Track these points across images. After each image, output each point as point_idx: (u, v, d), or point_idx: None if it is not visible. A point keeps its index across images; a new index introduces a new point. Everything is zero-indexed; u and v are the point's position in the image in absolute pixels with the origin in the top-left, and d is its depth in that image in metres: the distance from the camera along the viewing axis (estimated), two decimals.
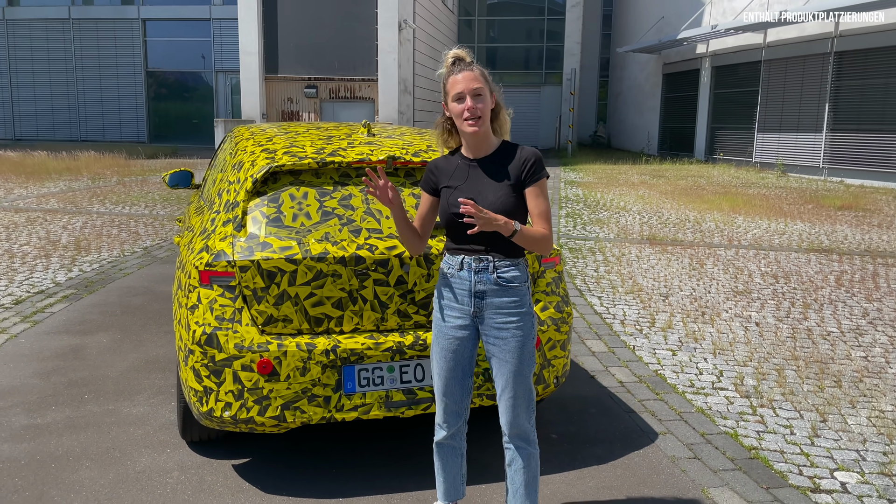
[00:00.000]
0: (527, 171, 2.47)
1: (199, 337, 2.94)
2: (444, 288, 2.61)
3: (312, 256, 2.98)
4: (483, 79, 2.47)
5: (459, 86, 2.45)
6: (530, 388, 2.57)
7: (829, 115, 18.47)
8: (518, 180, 2.48)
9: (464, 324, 2.57)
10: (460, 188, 2.53)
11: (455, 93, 2.46)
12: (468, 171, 2.55)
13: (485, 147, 2.54)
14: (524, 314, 2.52)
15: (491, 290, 2.51)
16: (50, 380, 4.30)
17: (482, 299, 2.52)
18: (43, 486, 3.10)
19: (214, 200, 3.40)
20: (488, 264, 2.50)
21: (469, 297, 2.54)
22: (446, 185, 2.57)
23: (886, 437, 3.77)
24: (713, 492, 3.20)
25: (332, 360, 2.96)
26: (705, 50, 23.46)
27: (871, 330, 5.67)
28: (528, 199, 2.48)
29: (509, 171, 2.49)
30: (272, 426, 2.99)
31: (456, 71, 2.48)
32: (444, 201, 2.57)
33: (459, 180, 2.55)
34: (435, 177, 2.63)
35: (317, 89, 21.13)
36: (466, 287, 2.54)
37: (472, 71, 2.46)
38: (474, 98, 2.44)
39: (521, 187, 2.48)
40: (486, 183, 2.50)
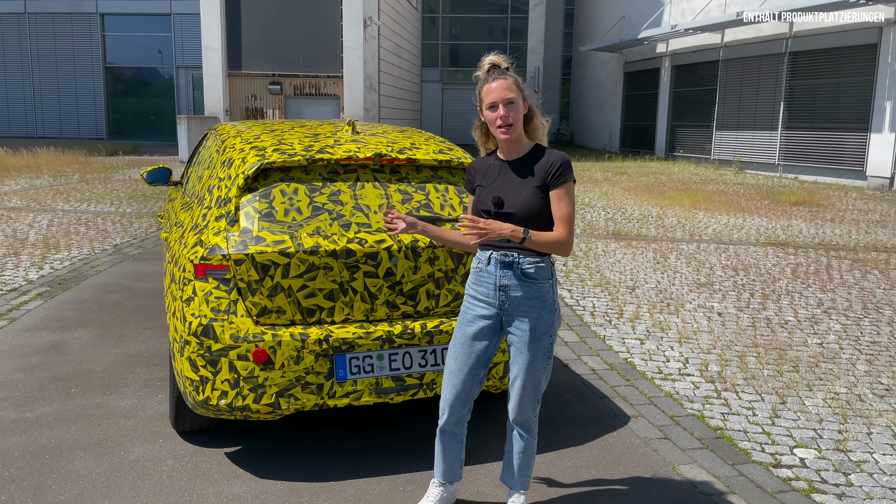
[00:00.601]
0: (552, 175, 2.61)
1: (196, 328, 3.04)
2: (473, 282, 2.76)
3: (305, 250, 3.10)
4: (516, 87, 2.61)
5: (493, 95, 2.59)
6: (539, 383, 2.72)
7: (783, 113, 19.06)
8: (544, 182, 2.62)
9: (488, 314, 2.72)
10: (490, 187, 2.68)
11: (489, 101, 2.61)
12: (500, 171, 2.70)
13: (517, 150, 2.69)
14: (545, 310, 2.67)
15: (514, 284, 2.65)
16: (34, 375, 4.34)
17: (506, 293, 2.67)
18: (39, 476, 3.17)
19: (205, 196, 3.49)
20: (514, 260, 2.65)
21: (495, 290, 2.68)
22: (479, 183, 2.73)
23: (841, 417, 4.03)
24: (683, 469, 3.41)
25: (324, 349, 3.09)
26: (665, 49, 23.96)
27: (826, 318, 5.97)
28: (552, 201, 2.61)
29: (537, 174, 2.63)
30: (267, 413, 3.10)
31: (490, 79, 2.61)
32: (476, 199, 2.72)
33: (490, 180, 2.70)
34: (472, 177, 2.79)
35: (281, 86, 21.06)
36: (492, 281, 2.68)
37: (505, 80, 2.60)
38: (506, 107, 2.58)
39: (547, 189, 2.63)
40: (514, 183, 2.64)
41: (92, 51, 27.25)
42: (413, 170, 3.52)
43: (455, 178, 3.59)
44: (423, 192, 3.45)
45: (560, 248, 2.62)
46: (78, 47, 27.20)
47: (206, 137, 4.75)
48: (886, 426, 3.92)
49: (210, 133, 4.56)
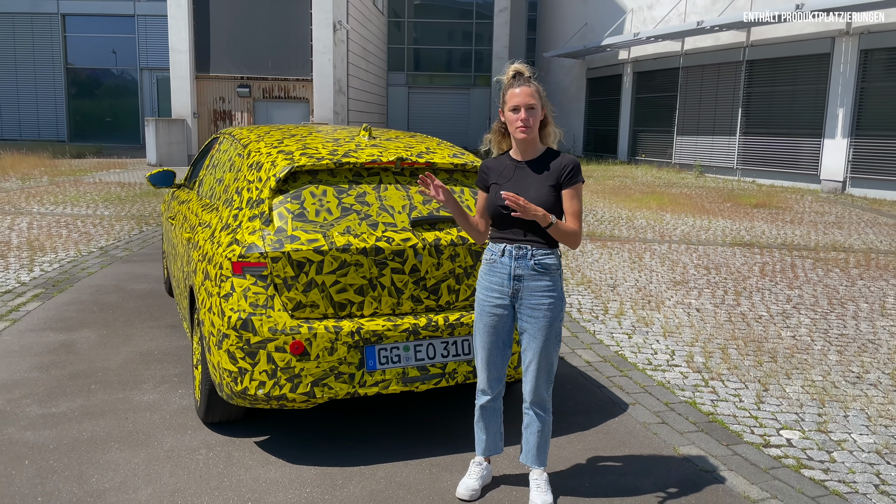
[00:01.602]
0: (565, 175, 2.88)
1: (235, 322, 3.22)
2: (486, 272, 3.00)
3: (337, 248, 3.30)
4: (538, 95, 2.87)
5: (517, 99, 2.85)
6: (552, 363, 2.99)
7: (741, 119, 19.75)
8: (557, 182, 2.88)
9: (503, 303, 2.97)
10: (505, 185, 2.92)
11: (512, 104, 2.86)
12: (514, 170, 2.95)
13: (531, 151, 2.95)
14: (556, 298, 2.93)
15: (528, 274, 2.91)
16: (50, 373, 4.44)
17: (520, 282, 2.92)
18: (79, 467, 3.30)
19: (233, 198, 3.65)
20: (527, 252, 2.90)
21: (508, 280, 2.93)
22: (495, 181, 2.97)
23: (819, 402, 4.37)
24: (683, 449, 3.70)
25: (356, 341, 3.29)
26: (627, 56, 24.57)
27: (796, 313, 6.36)
28: (564, 199, 2.88)
29: (550, 174, 2.89)
30: (302, 402, 3.29)
31: (516, 85, 2.87)
32: (491, 195, 2.97)
33: (506, 178, 2.95)
34: (486, 175, 3.03)
35: (250, 89, 21.02)
36: (506, 271, 2.93)
37: (529, 87, 2.86)
38: (528, 111, 2.84)
39: (560, 188, 2.88)
40: (529, 182, 2.90)
41: (53, 52, 26.77)
42: (431, 173, 3.73)
43: (469, 181, 3.83)
44: None
45: (574, 240, 2.89)
46: (38, 48, 26.69)
47: (216, 142, 4.90)
48: (860, 409, 4.27)
49: (223, 138, 4.71)
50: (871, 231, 11.35)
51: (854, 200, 15.53)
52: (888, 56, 15.97)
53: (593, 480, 3.34)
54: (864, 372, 4.90)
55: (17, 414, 3.85)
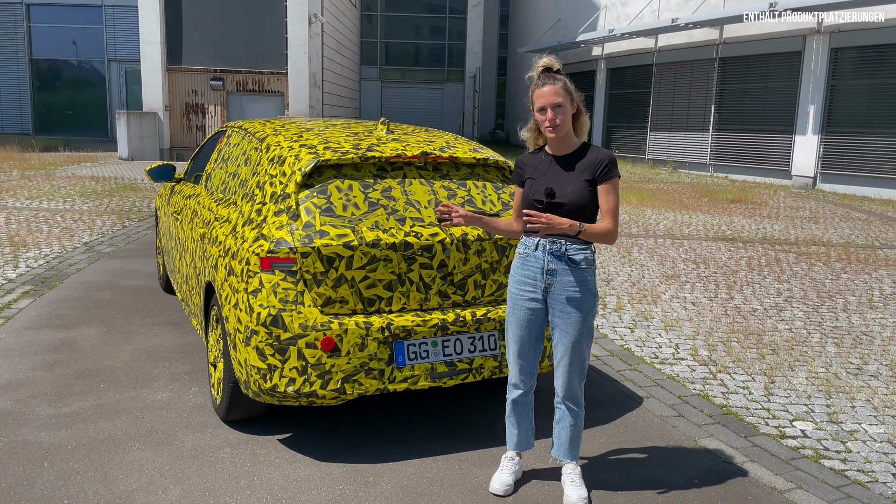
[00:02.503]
0: (601, 170, 2.87)
1: (265, 318, 3.17)
2: (519, 266, 2.99)
3: (367, 243, 3.27)
4: (564, 92, 2.85)
5: (542, 100, 2.84)
6: (584, 359, 2.99)
7: (714, 115, 20.04)
8: (593, 177, 2.88)
9: (536, 297, 2.96)
10: (540, 179, 2.92)
11: (539, 105, 2.86)
12: (549, 165, 2.94)
13: (566, 146, 2.94)
14: (589, 292, 2.93)
15: (561, 269, 2.90)
16: (55, 372, 4.32)
17: (553, 276, 2.91)
18: (102, 468, 3.22)
19: (254, 193, 3.59)
20: (561, 246, 2.90)
21: (542, 274, 2.92)
22: (529, 176, 2.96)
23: (825, 393, 4.46)
24: (703, 441, 3.74)
25: (385, 337, 3.27)
26: (601, 52, 24.75)
27: (788, 306, 6.48)
28: (600, 194, 2.88)
29: (586, 169, 2.89)
30: (332, 398, 3.26)
31: (541, 84, 2.86)
32: (526, 190, 2.95)
33: (540, 173, 2.94)
34: (521, 170, 3.02)
35: (223, 82, 20.70)
36: (540, 266, 2.92)
37: (554, 85, 2.84)
38: (554, 110, 2.83)
39: (596, 183, 2.88)
40: (564, 176, 2.89)
41: (17, 43, 26.02)
42: (453, 167, 3.72)
43: (490, 176, 3.82)
44: (464, 188, 3.66)
45: (608, 239, 2.89)
46: (1, 39, 25.93)
47: (222, 135, 4.81)
48: (866, 400, 4.37)
49: (230, 131, 4.63)
50: (846, 226, 11.61)
51: (825, 196, 15.87)
52: (858, 54, 16.34)
53: (622, 474, 3.36)
54: (863, 363, 5.01)
55: (27, 414, 3.74)
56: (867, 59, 16.16)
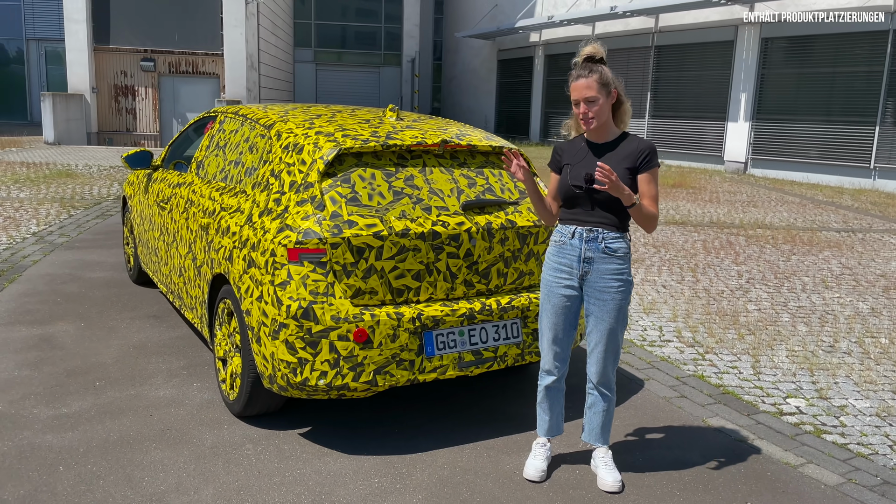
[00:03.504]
0: (643, 159, 2.91)
1: (295, 311, 3.09)
2: (555, 254, 3.01)
3: (396, 232, 3.22)
4: (598, 85, 2.85)
5: (575, 93, 2.87)
6: (619, 345, 3.04)
7: (650, 103, 20.57)
8: (634, 165, 2.91)
9: (572, 284, 2.99)
10: (578, 165, 2.93)
11: (573, 98, 2.88)
12: (587, 152, 2.95)
13: (605, 135, 2.96)
14: (625, 280, 2.98)
15: (598, 257, 2.94)
16: (43, 370, 4.10)
17: (589, 265, 2.95)
18: (124, 470, 3.09)
19: (270, 182, 3.48)
20: (598, 234, 2.93)
21: (578, 262, 2.95)
22: (567, 162, 2.97)
23: (808, 371, 4.68)
24: (710, 420, 3.87)
25: (416, 327, 3.24)
26: (538, 39, 24.99)
27: (752, 288, 6.75)
28: (641, 183, 2.92)
29: (626, 158, 2.91)
30: (363, 390, 3.21)
31: (576, 76, 2.87)
32: (564, 176, 2.96)
33: (579, 159, 2.95)
34: (559, 157, 3.02)
35: (154, 63, 19.92)
36: (576, 254, 2.95)
37: (587, 79, 2.85)
38: (587, 104, 2.85)
39: (636, 172, 2.91)
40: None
41: None
42: (469, 155, 3.71)
43: (503, 164, 3.82)
44: (482, 176, 3.66)
45: (652, 223, 2.95)
46: None
47: (212, 121, 4.63)
48: (846, 376, 4.61)
49: (223, 117, 4.46)
50: (783, 209, 12.15)
51: (757, 180, 16.56)
52: (787, 44, 17.05)
53: (644, 455, 3.45)
54: (835, 342, 5.28)
55: (25, 416, 3.54)
56: (795, 49, 16.89)
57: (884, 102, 15.08)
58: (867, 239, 9.67)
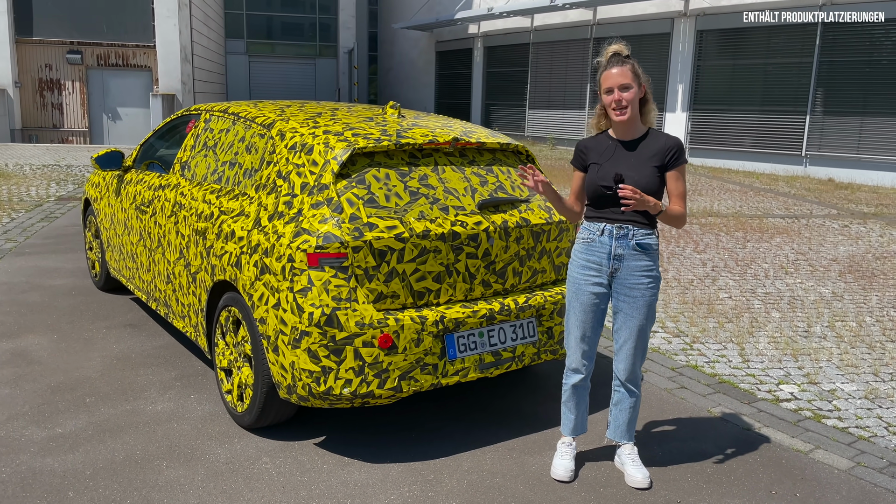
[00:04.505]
0: (671, 157, 2.91)
1: (318, 318, 2.98)
2: (583, 252, 2.98)
3: (417, 234, 3.14)
4: (632, 74, 2.85)
5: (610, 81, 2.84)
6: (647, 342, 3.05)
7: (590, 94, 20.88)
8: (662, 163, 2.90)
9: (601, 282, 2.98)
10: (606, 165, 2.91)
11: (606, 86, 2.85)
12: (615, 150, 2.93)
13: (632, 131, 2.94)
14: (654, 277, 2.98)
15: (629, 254, 2.93)
16: (24, 388, 3.85)
17: (620, 262, 2.94)
18: (139, 492, 2.92)
19: (277, 184, 3.34)
20: (628, 232, 2.92)
21: (608, 259, 2.94)
22: (594, 161, 2.94)
23: (791, 356, 4.82)
24: (714, 410, 3.94)
25: (440, 330, 3.17)
26: (477, 31, 25.02)
27: (718, 276, 6.93)
28: (669, 180, 2.92)
29: (654, 155, 2.91)
30: (388, 397, 3.12)
31: (610, 66, 2.85)
32: (591, 175, 2.93)
33: (605, 158, 2.93)
34: (585, 155, 2.98)
35: (82, 55, 19.02)
36: (606, 251, 2.94)
37: (622, 67, 2.84)
38: (621, 90, 2.83)
39: (664, 170, 2.91)
40: (632, 162, 2.90)
41: None
42: (478, 153, 3.65)
43: (510, 161, 3.78)
44: (492, 174, 3.61)
45: (680, 222, 2.97)
46: None
47: (196, 120, 4.42)
48: (827, 360, 4.77)
49: (210, 115, 4.25)
50: (727, 197, 12.54)
51: (696, 169, 17.04)
52: (720, 36, 17.57)
53: (662, 448, 3.48)
54: (808, 326, 5.47)
55: (17, 439, 3.31)
56: (729, 41, 17.42)
57: (813, 92, 15.73)
58: (811, 225, 10.07)
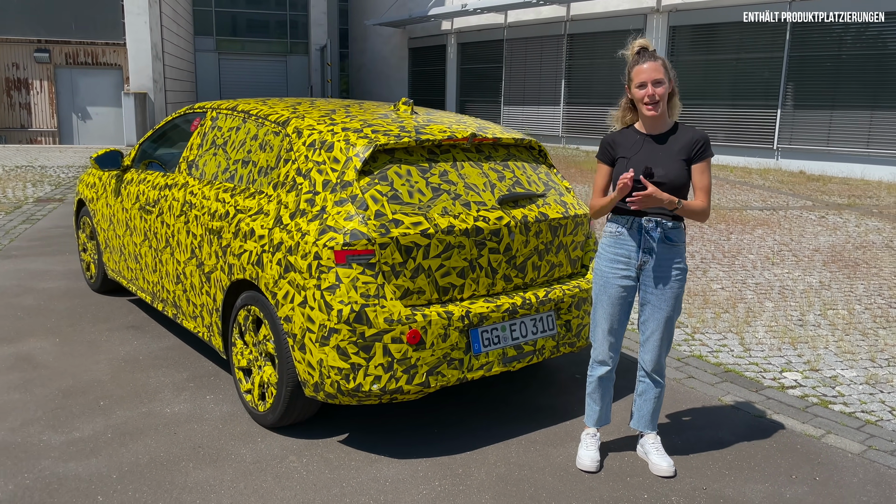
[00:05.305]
0: (697, 150, 2.95)
1: (348, 315, 2.97)
2: (611, 245, 3.02)
3: (442, 230, 3.15)
4: (664, 69, 2.89)
5: (643, 75, 2.87)
6: (672, 333, 3.11)
7: (564, 90, 21.04)
8: (689, 156, 2.95)
9: (629, 275, 3.02)
10: (635, 158, 2.95)
11: (639, 81, 2.88)
12: (643, 144, 2.97)
13: (660, 126, 2.98)
14: (682, 269, 3.04)
15: (658, 247, 2.98)
16: (34, 393, 3.78)
17: (649, 255, 2.98)
18: (170, 494, 2.89)
19: (297, 182, 3.32)
20: (657, 225, 2.96)
21: (637, 252, 2.98)
22: (622, 155, 2.98)
23: (789, 345, 4.93)
24: (725, 399, 4.02)
25: (465, 325, 3.19)
26: (450, 27, 25.02)
27: (708, 267, 7.05)
28: (694, 173, 2.97)
29: (682, 149, 2.95)
30: (416, 393, 3.14)
31: (642, 61, 2.88)
32: (620, 169, 2.97)
33: (634, 152, 2.96)
34: (612, 149, 3.02)
35: (50, 53, 18.63)
36: (635, 244, 2.98)
37: (655, 62, 2.88)
38: (654, 85, 2.87)
39: (691, 162, 2.96)
40: (661, 155, 2.94)
41: None
42: (493, 148, 3.67)
43: (523, 156, 3.81)
44: (508, 169, 3.63)
45: (702, 216, 3.02)
46: None
47: (202, 118, 4.37)
48: (825, 348, 4.89)
49: (217, 113, 4.21)
50: None
51: None
52: (692, 32, 17.82)
53: (681, 437, 3.54)
54: (801, 315, 5.59)
55: (35, 444, 3.25)
56: (701, 36, 17.67)
57: (784, 87, 16.04)
58: (789, 216, 10.28)
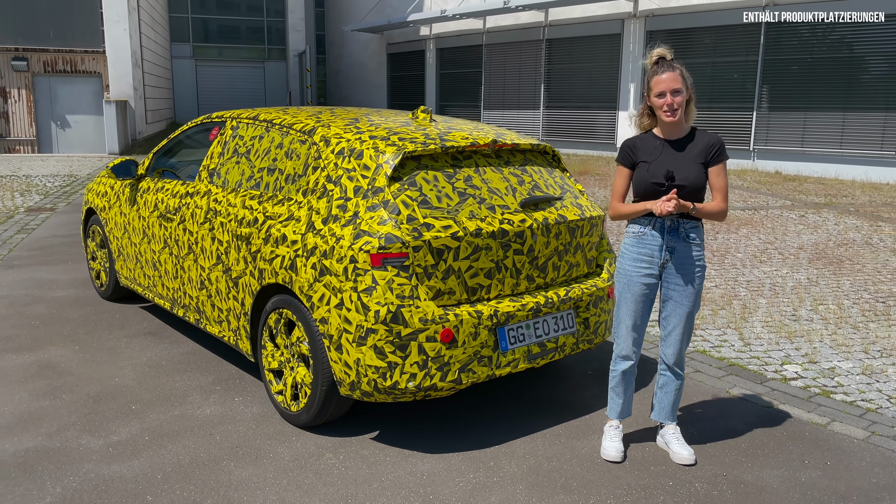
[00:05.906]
0: (714, 154, 3.13)
1: (385, 316, 3.10)
2: (634, 245, 3.18)
3: (471, 232, 3.29)
4: (682, 78, 3.06)
5: (662, 85, 3.03)
6: (693, 327, 3.28)
7: (544, 94, 21.30)
8: (706, 159, 3.12)
9: (652, 273, 3.18)
10: (655, 162, 3.11)
11: (658, 90, 3.04)
12: (663, 149, 3.13)
13: (678, 131, 3.15)
14: (702, 266, 3.21)
15: (680, 245, 3.15)
16: (64, 399, 3.84)
17: (671, 253, 3.15)
18: (217, 492, 2.99)
19: (328, 188, 3.44)
20: (678, 224, 3.13)
21: (660, 251, 3.15)
22: (643, 160, 3.14)
23: (786, 339, 5.14)
24: (733, 391, 4.20)
25: (494, 324, 3.33)
26: (429, 32, 25.18)
27: None
28: (711, 176, 3.14)
29: (699, 153, 3.12)
30: (448, 389, 3.27)
31: (661, 71, 3.04)
32: (641, 172, 3.13)
33: (654, 156, 3.13)
34: (633, 153, 3.18)
35: (28, 62, 18.45)
36: (658, 243, 3.14)
37: (673, 72, 3.04)
38: (673, 95, 3.04)
39: (707, 165, 3.13)
40: (680, 160, 3.11)
41: None
42: (511, 154, 3.82)
43: (538, 161, 3.96)
44: (527, 174, 3.78)
45: (720, 216, 3.19)
46: None
47: (221, 127, 4.46)
48: (819, 341, 5.11)
49: (237, 122, 4.30)
50: None
51: None
52: (669, 37, 18.15)
53: (696, 428, 3.71)
54: (794, 310, 5.81)
55: (75, 448, 3.32)
56: (677, 41, 18.02)
57: (759, 89, 16.43)
58: (770, 216, 10.57)
